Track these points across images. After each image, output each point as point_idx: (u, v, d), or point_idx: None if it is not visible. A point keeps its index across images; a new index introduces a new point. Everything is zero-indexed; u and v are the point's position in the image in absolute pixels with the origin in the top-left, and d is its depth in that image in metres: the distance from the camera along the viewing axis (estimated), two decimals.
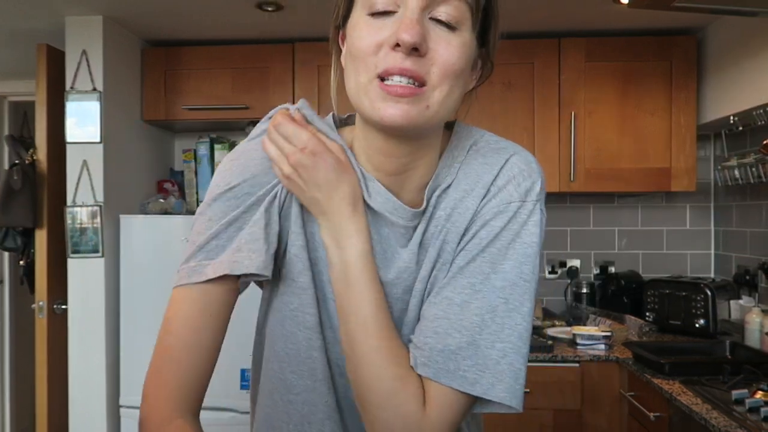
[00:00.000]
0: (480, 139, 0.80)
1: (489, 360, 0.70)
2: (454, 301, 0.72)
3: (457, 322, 0.71)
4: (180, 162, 3.16)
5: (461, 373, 0.70)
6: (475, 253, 0.73)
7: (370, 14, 0.68)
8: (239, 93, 2.79)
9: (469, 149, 0.78)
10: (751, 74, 2.32)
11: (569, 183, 2.67)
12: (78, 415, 2.54)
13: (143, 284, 2.53)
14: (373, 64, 0.67)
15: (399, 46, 0.65)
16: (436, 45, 0.66)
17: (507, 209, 0.73)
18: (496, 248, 0.73)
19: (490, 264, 0.72)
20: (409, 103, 0.66)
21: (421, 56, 0.66)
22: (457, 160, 0.78)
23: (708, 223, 3.04)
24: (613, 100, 2.69)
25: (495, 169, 0.76)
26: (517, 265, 0.72)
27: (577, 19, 2.60)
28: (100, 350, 2.53)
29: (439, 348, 0.70)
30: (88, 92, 2.52)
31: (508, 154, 0.77)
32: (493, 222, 0.73)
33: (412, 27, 0.64)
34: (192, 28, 2.72)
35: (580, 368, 2.33)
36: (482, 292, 0.72)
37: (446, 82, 0.67)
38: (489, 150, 0.78)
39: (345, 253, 0.73)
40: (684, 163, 2.66)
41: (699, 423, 1.70)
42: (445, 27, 0.67)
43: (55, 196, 2.57)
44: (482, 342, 0.70)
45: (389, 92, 0.66)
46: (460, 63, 0.68)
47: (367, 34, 0.67)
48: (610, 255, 3.07)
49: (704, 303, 2.47)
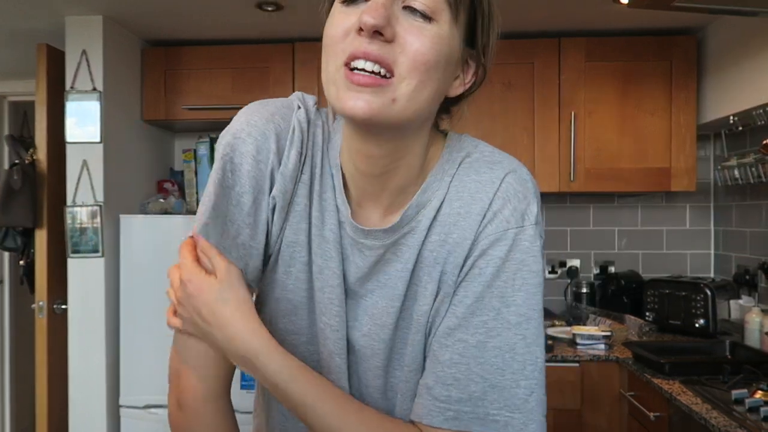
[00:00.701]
0: (473, 150, 0.75)
1: (517, 400, 0.67)
2: (469, 343, 0.68)
3: (477, 366, 0.68)
4: (180, 162, 3.16)
5: (492, 417, 0.67)
6: (482, 288, 0.69)
7: (342, 1, 0.65)
8: (239, 93, 2.79)
9: (461, 162, 0.74)
10: (751, 74, 2.32)
11: (569, 183, 2.67)
12: (78, 415, 2.54)
13: (143, 284, 2.53)
14: (341, 50, 0.64)
15: (363, 30, 0.62)
16: (406, 33, 0.63)
17: (505, 236, 0.69)
18: (503, 281, 0.69)
19: (500, 298, 0.69)
20: (373, 94, 0.62)
21: (388, 41, 0.62)
22: (448, 174, 0.73)
23: (708, 223, 3.05)
24: (613, 100, 2.69)
25: (490, 191, 0.71)
26: (527, 297, 0.69)
27: (577, 19, 2.60)
28: (100, 350, 2.53)
29: (465, 398, 0.68)
30: (88, 92, 2.52)
31: (503, 172, 0.72)
32: (492, 251, 0.70)
33: (375, 9, 0.61)
34: (192, 28, 2.72)
35: (580, 368, 2.33)
36: (497, 329, 0.68)
37: (415, 75, 0.63)
38: (482, 165, 0.73)
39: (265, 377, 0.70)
40: (684, 163, 2.66)
41: (699, 423, 1.70)
42: (420, 17, 0.63)
43: (55, 196, 2.57)
44: (506, 383, 0.68)
45: (352, 81, 0.62)
46: (432, 54, 0.63)
47: (337, 21, 0.65)
48: (610, 255, 3.07)
49: (704, 303, 2.47)
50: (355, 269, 0.75)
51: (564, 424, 2.33)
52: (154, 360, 2.48)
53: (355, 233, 0.74)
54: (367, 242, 0.73)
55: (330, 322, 0.75)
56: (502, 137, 2.65)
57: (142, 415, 2.54)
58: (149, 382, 2.51)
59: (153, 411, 2.52)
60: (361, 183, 0.73)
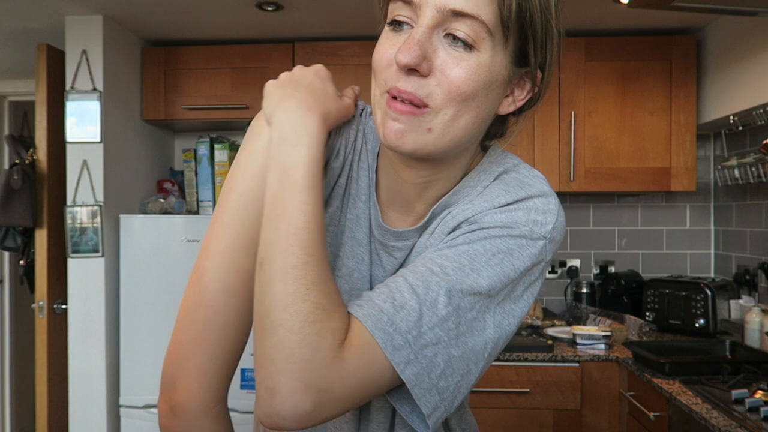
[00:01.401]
0: (512, 168, 0.75)
1: (422, 338, 0.61)
2: (418, 269, 0.64)
3: (413, 284, 0.63)
4: (180, 162, 3.16)
5: (390, 329, 0.60)
6: (460, 242, 0.67)
7: (390, 24, 0.67)
8: (239, 93, 2.79)
9: (497, 176, 0.74)
10: (751, 74, 2.32)
11: (569, 183, 2.67)
12: (78, 415, 2.54)
13: (143, 284, 2.53)
14: (384, 79, 0.66)
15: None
16: (444, 66, 0.63)
17: (513, 227, 0.67)
18: (483, 247, 0.66)
19: (469, 258, 0.65)
20: (408, 123, 0.64)
21: (423, 76, 0.63)
22: (482, 184, 0.73)
23: (708, 223, 3.05)
24: (613, 99, 2.69)
25: (512, 198, 0.70)
26: (495, 277, 0.65)
27: (576, 19, 2.60)
28: (100, 350, 2.53)
29: (382, 298, 0.62)
30: (88, 92, 2.52)
31: (532, 192, 0.71)
32: (492, 230, 0.67)
33: (409, 48, 0.62)
34: (192, 28, 2.72)
35: (580, 368, 2.33)
36: (451, 276, 0.63)
37: (451, 105, 0.64)
38: (514, 182, 0.72)
39: (292, 152, 0.64)
40: (684, 163, 2.66)
41: (699, 422, 1.70)
42: (461, 45, 0.63)
43: (55, 196, 2.57)
44: (425, 318, 0.61)
45: (392, 108, 0.65)
46: (469, 86, 0.63)
47: (381, 48, 0.67)
48: (609, 255, 3.07)
49: (704, 303, 2.47)
50: (382, 272, 0.77)
51: (564, 423, 2.33)
52: (154, 360, 2.49)
53: (385, 236, 0.75)
54: (399, 244, 0.75)
55: None
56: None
57: (141, 414, 2.54)
58: (149, 381, 2.51)
59: (153, 411, 2.52)
60: (398, 188, 0.75)
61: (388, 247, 0.76)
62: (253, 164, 0.72)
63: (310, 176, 0.64)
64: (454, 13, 0.62)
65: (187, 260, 2.54)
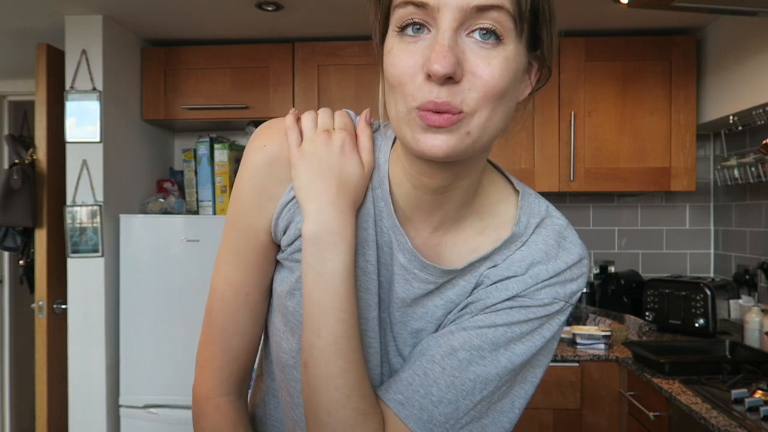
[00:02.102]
0: (547, 217, 0.75)
1: (458, 423, 0.69)
2: (456, 355, 0.69)
3: (451, 376, 0.68)
4: (180, 161, 3.16)
5: (430, 426, 0.68)
6: (500, 321, 0.70)
7: (399, 30, 0.63)
8: (239, 92, 2.79)
9: (535, 228, 0.74)
10: (750, 74, 2.32)
11: (569, 182, 2.67)
12: (78, 415, 2.54)
13: (143, 284, 2.53)
14: (410, 94, 0.62)
15: (431, 76, 0.60)
16: (474, 67, 0.61)
17: (552, 304, 0.71)
18: (520, 329, 0.70)
19: (506, 338, 0.70)
20: (449, 132, 0.61)
21: (457, 82, 0.60)
22: (520, 241, 0.73)
23: (707, 223, 3.05)
24: (613, 99, 2.69)
25: (554, 270, 0.72)
26: (529, 353, 0.71)
27: (576, 19, 2.60)
28: (100, 350, 2.53)
29: (421, 394, 0.68)
30: (88, 92, 2.52)
31: (571, 260, 0.73)
32: (532, 310, 0.71)
33: (444, 56, 0.58)
34: (192, 28, 2.72)
35: (579, 368, 2.33)
36: (487, 359, 0.69)
37: (487, 106, 0.62)
38: (554, 239, 0.74)
39: (328, 257, 0.68)
40: (683, 163, 2.66)
41: (699, 422, 1.70)
42: (485, 43, 0.61)
43: (55, 196, 2.57)
44: (461, 407, 0.68)
45: (428, 123, 0.61)
46: (502, 83, 0.62)
47: (400, 60, 0.62)
48: (609, 254, 3.07)
49: (704, 302, 2.47)
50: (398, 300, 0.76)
51: (564, 423, 2.33)
52: (154, 360, 2.49)
53: (410, 262, 0.73)
54: (422, 275, 0.73)
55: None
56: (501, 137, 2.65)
57: (141, 414, 2.54)
58: (149, 381, 2.51)
59: (152, 411, 2.52)
60: (416, 200, 0.72)
61: (410, 273, 0.73)
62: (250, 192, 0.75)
63: (346, 282, 0.68)
64: (478, 9, 0.60)
65: (187, 260, 2.54)
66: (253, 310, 0.77)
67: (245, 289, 0.76)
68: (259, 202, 0.74)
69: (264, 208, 0.74)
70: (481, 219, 0.75)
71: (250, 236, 0.75)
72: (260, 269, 0.76)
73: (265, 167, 0.73)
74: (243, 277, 0.76)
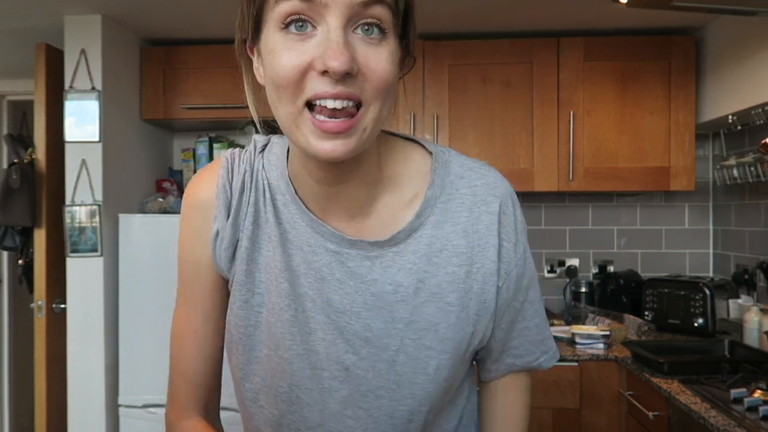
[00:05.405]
0: (459, 170, 0.78)
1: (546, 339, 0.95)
2: (529, 328, 0.86)
3: (540, 313, 0.87)
4: (179, 161, 3.16)
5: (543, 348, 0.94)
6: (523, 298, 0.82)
7: (283, 27, 0.62)
8: (238, 92, 2.75)
9: (450, 185, 0.77)
10: (750, 74, 2.32)
11: (568, 182, 2.67)
12: (77, 415, 2.54)
13: (142, 283, 2.53)
14: (300, 90, 0.62)
15: (328, 72, 0.60)
16: (366, 60, 0.62)
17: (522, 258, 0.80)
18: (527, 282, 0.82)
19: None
20: (347, 136, 0.62)
21: (353, 77, 0.61)
22: (440, 201, 0.76)
23: (707, 223, 3.05)
24: (612, 99, 2.69)
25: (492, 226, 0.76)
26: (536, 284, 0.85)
27: (575, 19, 2.60)
28: (99, 349, 2.53)
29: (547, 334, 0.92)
30: (87, 91, 2.51)
31: (496, 203, 0.77)
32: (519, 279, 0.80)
33: (341, 53, 0.59)
34: (191, 28, 2.72)
35: (579, 367, 2.33)
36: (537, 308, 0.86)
37: (379, 97, 0.63)
38: (468, 197, 0.77)
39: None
40: (683, 163, 2.66)
41: (698, 422, 1.70)
42: (371, 38, 0.62)
43: (54, 196, 2.57)
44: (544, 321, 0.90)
45: (323, 130, 0.62)
46: (392, 74, 0.64)
47: (287, 60, 0.62)
48: (608, 254, 3.07)
49: (703, 302, 2.47)
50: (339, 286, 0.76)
51: (563, 423, 2.33)
52: (153, 359, 2.49)
53: (339, 245, 0.74)
54: (353, 252, 0.74)
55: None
56: (501, 137, 2.66)
57: (141, 414, 2.54)
58: (148, 381, 2.51)
59: (152, 410, 2.52)
60: (323, 193, 0.74)
61: (342, 255, 0.74)
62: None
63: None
64: (364, 5, 0.61)
65: None
66: (202, 347, 0.83)
67: (193, 327, 0.82)
68: (197, 243, 0.79)
69: (201, 246, 0.79)
70: (398, 191, 0.76)
71: (197, 274, 0.80)
72: (209, 305, 0.81)
73: (196, 211, 0.79)
74: (193, 314, 0.82)
